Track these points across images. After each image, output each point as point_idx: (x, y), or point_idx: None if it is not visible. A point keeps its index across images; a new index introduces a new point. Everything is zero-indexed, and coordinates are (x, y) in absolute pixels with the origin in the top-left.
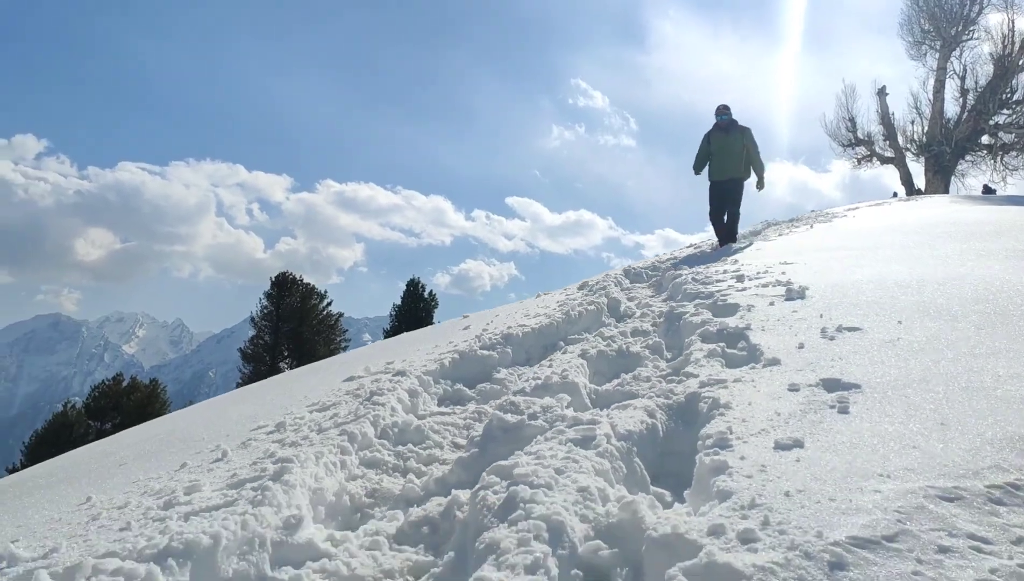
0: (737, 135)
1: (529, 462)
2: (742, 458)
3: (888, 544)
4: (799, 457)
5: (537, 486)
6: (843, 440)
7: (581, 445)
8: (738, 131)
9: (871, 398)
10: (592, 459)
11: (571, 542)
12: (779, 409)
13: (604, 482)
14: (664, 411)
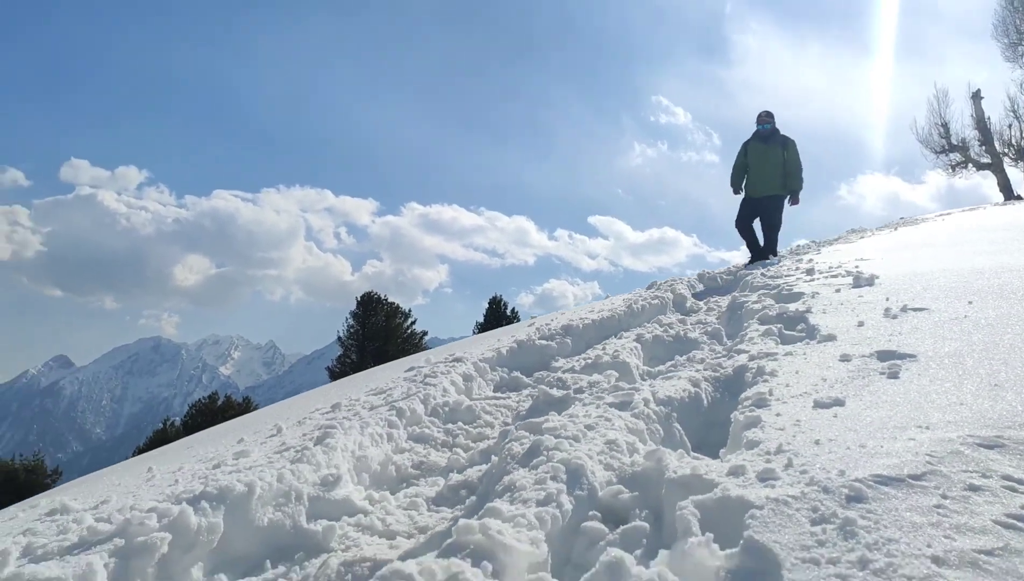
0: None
1: (560, 419)
2: (777, 415)
3: (913, 482)
4: (837, 414)
5: (563, 437)
6: (886, 399)
7: (618, 407)
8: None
9: (925, 366)
10: (627, 419)
11: (590, 485)
12: (826, 375)
13: (636, 439)
14: (711, 383)
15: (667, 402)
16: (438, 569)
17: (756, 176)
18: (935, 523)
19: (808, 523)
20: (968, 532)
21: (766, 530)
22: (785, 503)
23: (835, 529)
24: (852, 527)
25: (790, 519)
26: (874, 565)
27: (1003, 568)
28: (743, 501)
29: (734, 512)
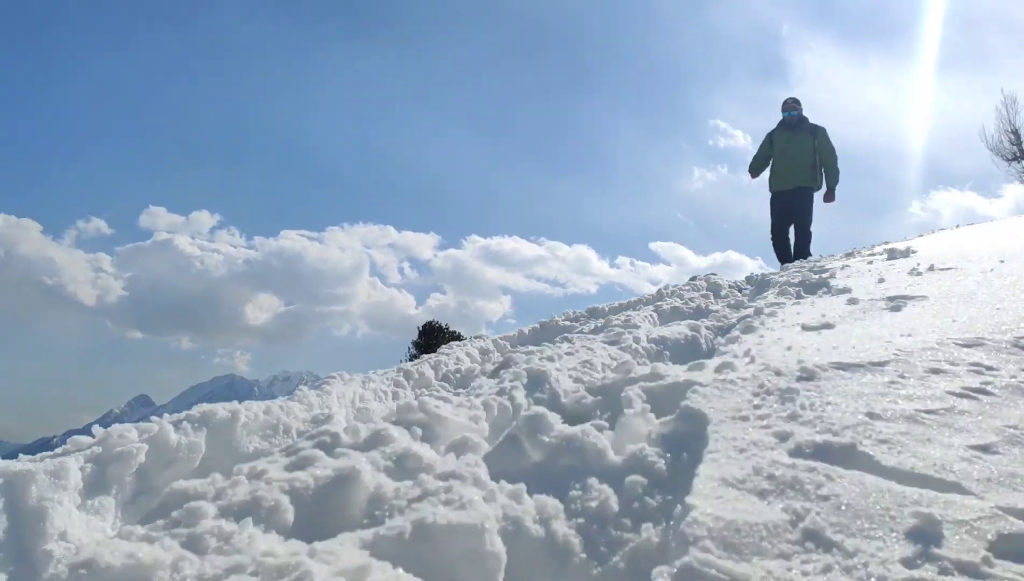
0: (806, 135)
1: (541, 348)
2: (761, 337)
3: (873, 367)
4: (822, 334)
5: (538, 357)
6: (879, 323)
7: (606, 342)
8: (808, 130)
9: (932, 302)
10: (610, 350)
11: (553, 390)
12: (826, 313)
13: (615, 363)
14: (712, 330)
15: (660, 341)
16: (364, 430)
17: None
18: (882, 393)
19: (750, 395)
20: (915, 399)
21: (704, 401)
22: (732, 382)
23: (775, 398)
24: (793, 395)
25: (732, 392)
26: (802, 418)
27: (940, 422)
28: (689, 383)
29: (679, 393)
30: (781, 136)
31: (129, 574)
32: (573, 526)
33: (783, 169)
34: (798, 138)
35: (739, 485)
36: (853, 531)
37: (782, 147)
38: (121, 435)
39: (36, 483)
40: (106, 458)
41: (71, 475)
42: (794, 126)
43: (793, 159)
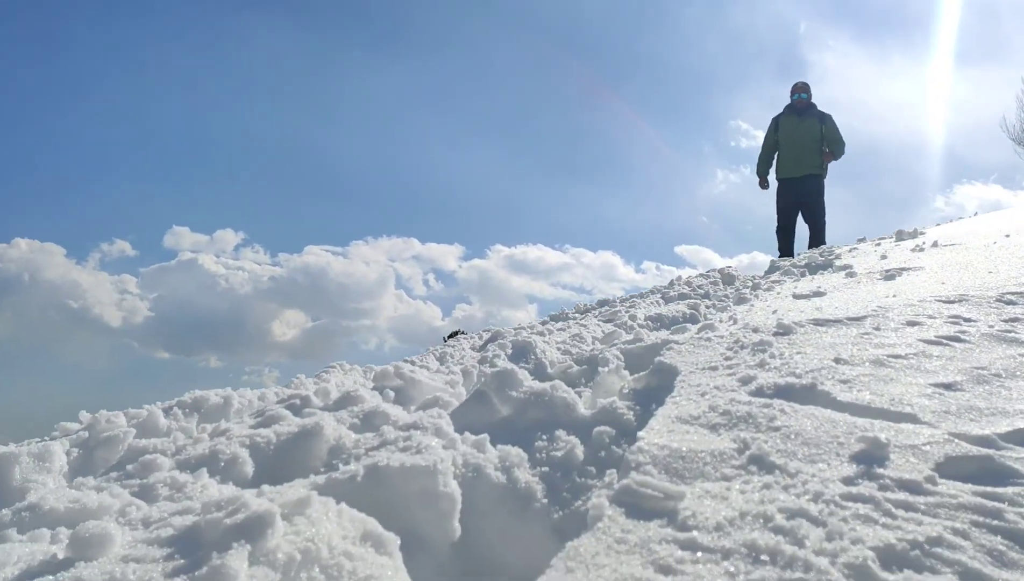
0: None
1: (536, 325)
2: (751, 306)
3: (849, 321)
4: (812, 301)
5: (529, 332)
6: (869, 289)
7: (602, 320)
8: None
9: (928, 272)
10: (604, 326)
11: (539, 360)
12: (821, 285)
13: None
14: (711, 308)
15: (656, 318)
16: (334, 392)
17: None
18: (854, 343)
19: (724, 349)
20: (885, 346)
21: (678, 356)
22: (708, 340)
23: (748, 351)
24: (765, 347)
25: (707, 348)
26: (769, 366)
27: (907, 365)
28: (666, 342)
29: (655, 352)
30: (788, 120)
31: (73, 518)
32: (537, 474)
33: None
34: (806, 123)
35: (692, 421)
36: (798, 456)
37: (789, 131)
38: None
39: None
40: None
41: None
42: (802, 111)
43: (802, 145)
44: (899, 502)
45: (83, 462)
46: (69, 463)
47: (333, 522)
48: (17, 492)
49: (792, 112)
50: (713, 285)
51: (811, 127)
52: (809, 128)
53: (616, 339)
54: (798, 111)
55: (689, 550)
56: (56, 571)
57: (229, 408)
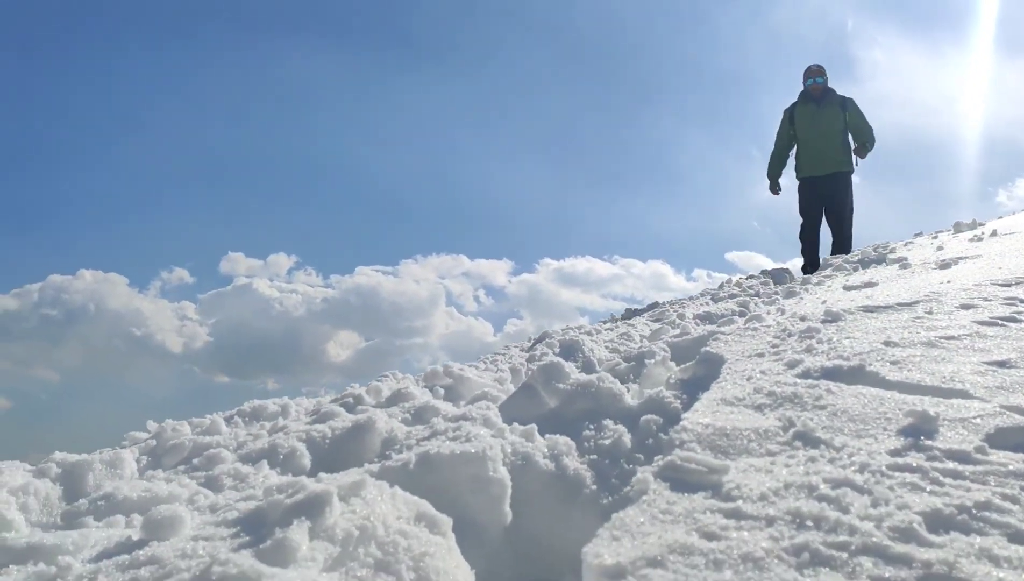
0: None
1: (585, 326)
2: (800, 298)
3: (901, 306)
4: (863, 291)
5: (577, 332)
6: (923, 278)
7: (650, 320)
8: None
9: (985, 260)
10: (652, 326)
11: (587, 359)
12: (874, 277)
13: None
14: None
15: (705, 316)
16: (386, 390)
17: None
18: (905, 327)
19: (772, 337)
20: (938, 329)
21: (724, 346)
22: (755, 330)
23: (795, 338)
24: (813, 334)
25: (754, 338)
26: (817, 351)
27: (960, 346)
28: (712, 333)
29: (702, 343)
30: (805, 110)
31: (145, 505)
32: (585, 462)
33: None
34: (827, 112)
35: (737, 403)
36: (845, 431)
37: (808, 123)
38: (175, 428)
39: (93, 472)
40: (160, 450)
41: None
42: (820, 98)
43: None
44: (947, 471)
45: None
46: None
47: (388, 503)
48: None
49: (808, 100)
50: (764, 285)
51: (833, 116)
52: (830, 117)
53: (663, 335)
54: (815, 99)
55: (734, 518)
56: (132, 550)
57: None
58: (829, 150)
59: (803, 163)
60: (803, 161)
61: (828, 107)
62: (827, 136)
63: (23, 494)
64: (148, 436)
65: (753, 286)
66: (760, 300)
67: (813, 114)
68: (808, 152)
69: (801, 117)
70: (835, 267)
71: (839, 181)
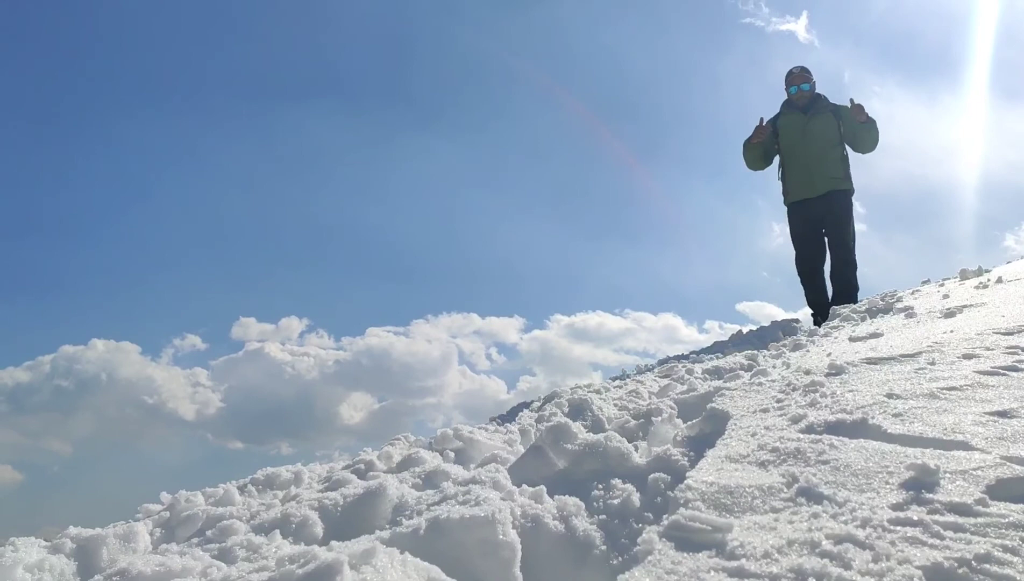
0: (826, 116)
1: (594, 384)
2: (806, 351)
3: (903, 358)
4: (868, 342)
5: (585, 391)
6: (927, 327)
7: (659, 376)
8: (828, 109)
9: (990, 308)
10: (660, 382)
11: (596, 417)
12: (880, 327)
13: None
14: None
15: (714, 371)
16: (396, 455)
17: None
18: (907, 378)
19: (776, 392)
20: (940, 380)
21: (729, 402)
22: (760, 385)
23: (799, 392)
24: (817, 388)
25: (759, 392)
26: (820, 404)
27: (962, 396)
28: (718, 389)
29: (708, 399)
30: (790, 121)
31: (159, 580)
32: (595, 522)
33: (803, 168)
34: (818, 121)
35: (741, 459)
36: (847, 486)
37: (795, 137)
38: (188, 499)
39: (107, 546)
40: (174, 521)
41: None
42: (807, 106)
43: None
44: (948, 524)
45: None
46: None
47: (398, 570)
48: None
49: (793, 109)
50: (772, 337)
51: (825, 125)
52: (822, 127)
53: (671, 391)
54: (802, 107)
55: (737, 577)
56: None
57: (300, 482)
58: (822, 166)
59: (792, 184)
60: (791, 182)
61: (819, 115)
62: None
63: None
64: (162, 508)
65: (763, 337)
66: (767, 353)
67: (803, 125)
68: (797, 170)
69: (787, 129)
70: (842, 318)
71: (836, 202)
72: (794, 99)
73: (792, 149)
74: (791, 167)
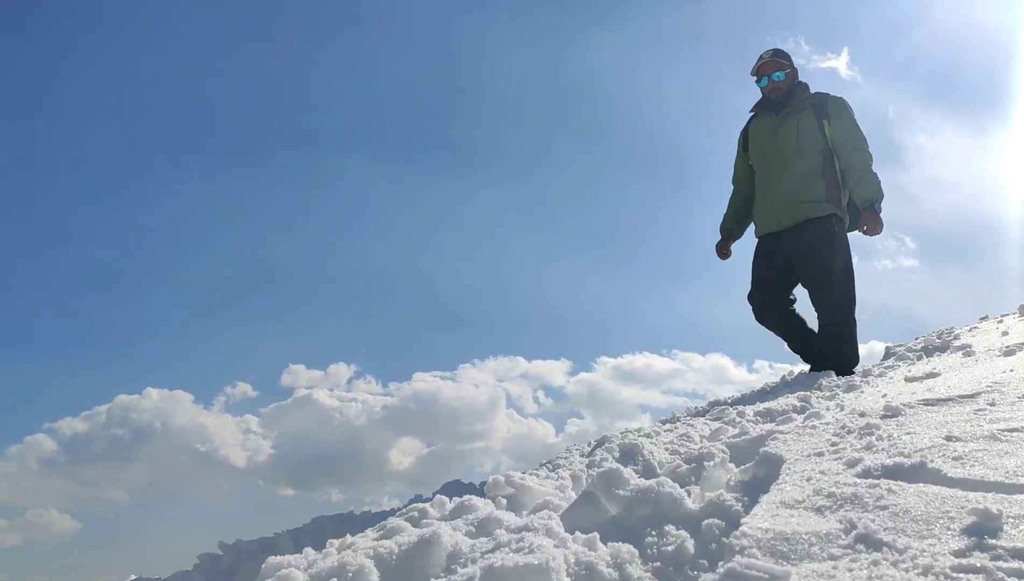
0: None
1: (644, 428)
2: (861, 392)
3: (962, 399)
4: (924, 382)
5: (636, 435)
6: (986, 366)
7: (711, 419)
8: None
9: None
10: (711, 425)
11: (647, 461)
12: (937, 366)
13: None
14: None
15: (765, 413)
16: (449, 503)
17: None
18: (966, 420)
19: (831, 435)
20: (1000, 421)
21: (783, 445)
22: (814, 427)
23: (855, 435)
24: (873, 430)
25: (813, 435)
26: (876, 448)
27: (1021, 439)
28: (771, 432)
29: (760, 443)
30: (761, 127)
31: None
32: (649, 569)
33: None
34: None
35: (797, 505)
36: (908, 533)
37: (763, 147)
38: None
39: None
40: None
41: None
42: (778, 105)
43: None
44: (1012, 570)
45: None
46: None
47: None
48: None
49: (767, 110)
50: (826, 376)
51: (802, 130)
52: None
53: (722, 435)
54: (776, 105)
55: None
56: None
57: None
58: (790, 186)
59: (758, 211)
60: (757, 209)
61: (797, 115)
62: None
63: None
64: (219, 556)
65: (816, 378)
66: (820, 394)
67: (770, 131)
68: (763, 193)
69: (758, 136)
70: (898, 357)
71: (812, 234)
72: (766, 92)
73: (760, 164)
74: (758, 189)
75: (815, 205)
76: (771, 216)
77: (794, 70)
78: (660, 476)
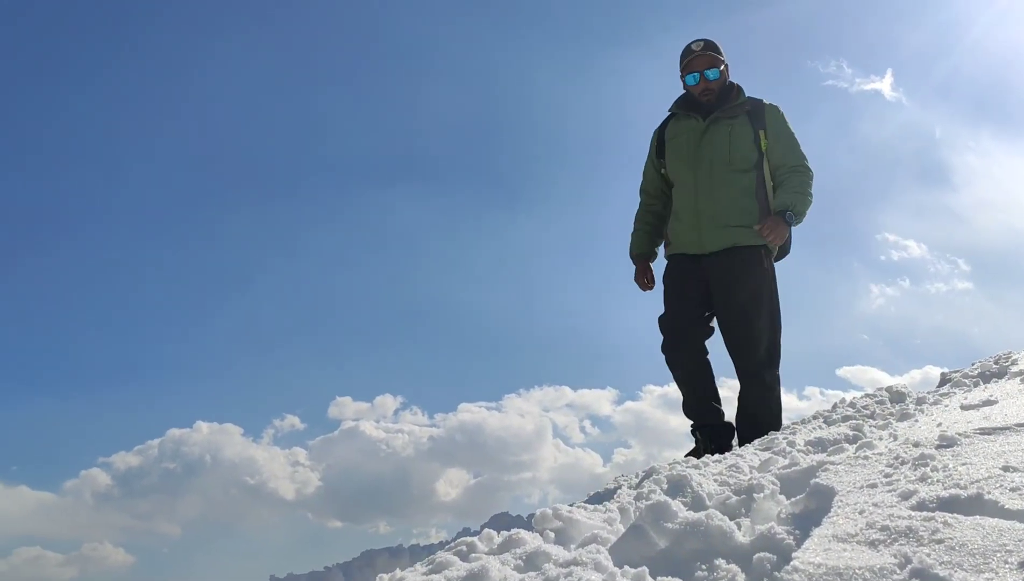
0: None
1: (691, 459)
2: (915, 421)
3: (1017, 427)
4: (981, 410)
5: (684, 466)
6: None
7: (760, 448)
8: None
9: None
10: (761, 455)
11: (696, 493)
12: (994, 393)
13: None
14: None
15: (816, 442)
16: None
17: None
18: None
19: (884, 466)
20: None
21: (834, 476)
22: (866, 458)
23: (909, 466)
24: (927, 461)
25: (865, 467)
26: (931, 479)
27: None
28: (822, 463)
29: (811, 474)
30: (682, 130)
31: None
32: None
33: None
34: (719, 131)
35: (850, 539)
36: (964, 567)
37: (684, 154)
38: None
39: None
40: None
41: None
42: (709, 108)
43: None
44: None
45: None
46: None
47: None
48: None
49: (691, 110)
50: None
51: (737, 140)
52: (731, 142)
53: (772, 465)
54: (704, 108)
55: None
56: None
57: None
58: (724, 205)
59: (677, 229)
60: (673, 226)
61: (724, 124)
62: (720, 178)
63: None
64: None
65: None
66: (873, 423)
67: (695, 137)
68: (686, 209)
69: (677, 141)
70: (954, 383)
71: (739, 266)
72: (692, 90)
73: (680, 175)
74: (678, 204)
75: (745, 232)
76: (692, 238)
77: (727, 67)
78: (709, 508)
